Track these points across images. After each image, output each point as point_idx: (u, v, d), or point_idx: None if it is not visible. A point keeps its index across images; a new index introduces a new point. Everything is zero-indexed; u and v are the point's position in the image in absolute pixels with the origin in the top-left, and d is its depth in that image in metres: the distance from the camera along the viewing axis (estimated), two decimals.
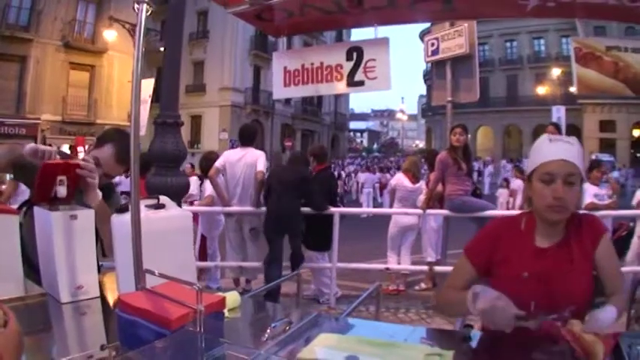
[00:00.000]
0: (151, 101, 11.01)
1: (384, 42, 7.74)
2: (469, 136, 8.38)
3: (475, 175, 10.66)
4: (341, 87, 8.11)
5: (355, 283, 8.90)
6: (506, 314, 2.02)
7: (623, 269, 8.64)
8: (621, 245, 9.04)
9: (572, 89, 9.76)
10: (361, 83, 7.82)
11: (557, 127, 8.97)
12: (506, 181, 19.74)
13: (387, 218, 9.74)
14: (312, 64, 8.19)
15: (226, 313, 2.24)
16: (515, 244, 2.38)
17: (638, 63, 8.33)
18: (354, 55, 7.82)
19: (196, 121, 44.62)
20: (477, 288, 2.14)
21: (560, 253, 2.31)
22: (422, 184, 9.51)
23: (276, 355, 1.97)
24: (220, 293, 2.35)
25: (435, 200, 8.43)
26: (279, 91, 8.45)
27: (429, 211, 8.36)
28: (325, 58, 8.17)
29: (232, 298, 2.50)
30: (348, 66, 7.86)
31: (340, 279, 8.58)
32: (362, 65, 7.78)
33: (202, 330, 1.84)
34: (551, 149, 2.30)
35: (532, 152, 2.41)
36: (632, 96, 8.88)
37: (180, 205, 5.98)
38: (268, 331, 2.15)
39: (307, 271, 8.41)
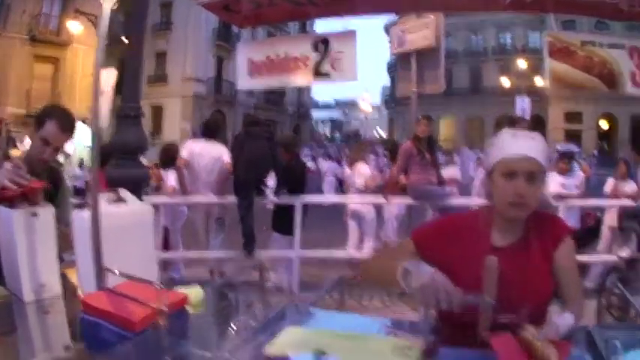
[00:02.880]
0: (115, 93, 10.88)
1: (351, 34, 7.84)
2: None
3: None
4: (307, 78, 8.12)
5: (318, 271, 8.84)
6: (449, 291, 1.90)
7: (595, 259, 8.75)
8: (590, 235, 9.13)
9: (541, 83, 9.64)
10: (327, 75, 7.83)
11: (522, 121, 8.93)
12: None
13: None
14: (278, 55, 8.17)
15: (190, 310, 2.19)
16: (472, 242, 2.27)
17: (614, 59, 8.33)
18: (321, 46, 7.84)
19: (157, 111, 44.21)
20: (408, 265, 2.00)
21: (518, 253, 2.23)
22: (359, 166, 9.40)
23: (242, 351, 1.94)
24: (183, 288, 2.33)
25: (399, 190, 8.44)
26: (245, 81, 8.43)
27: (392, 199, 8.37)
28: (291, 49, 8.17)
29: (195, 293, 2.44)
30: (314, 57, 7.87)
31: (303, 267, 8.54)
32: (328, 57, 7.79)
33: (166, 330, 1.82)
34: (514, 144, 2.20)
35: (493, 146, 2.30)
36: (605, 91, 8.89)
37: (141, 197, 5.93)
38: (233, 326, 2.14)
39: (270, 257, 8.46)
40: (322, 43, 7.84)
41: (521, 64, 47.81)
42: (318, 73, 7.89)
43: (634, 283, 6.39)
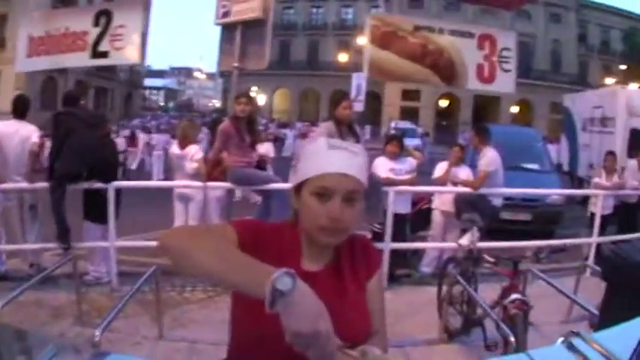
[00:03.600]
0: None
1: (136, 4, 7.27)
2: (257, 99, 8.21)
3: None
4: (84, 59, 7.59)
5: (139, 257, 8.28)
6: (330, 339, 1.48)
7: (430, 245, 9.03)
8: (422, 219, 9.32)
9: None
10: (105, 54, 7.34)
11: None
12: None
13: None
14: (58, 30, 7.55)
15: None
16: (280, 261, 1.70)
17: (456, 48, 7.97)
18: (102, 20, 7.28)
19: None
20: (283, 280, 1.47)
21: (331, 279, 1.95)
22: (192, 149, 8.86)
23: None
24: None
25: (221, 171, 8.20)
26: (22, 62, 7.75)
27: (210, 183, 8.07)
28: (71, 23, 7.57)
29: None
30: (94, 33, 7.31)
31: (124, 255, 8.30)
32: (108, 33, 7.26)
33: None
34: (330, 158, 1.86)
35: (305, 157, 1.95)
36: (439, 84, 8.48)
37: None
38: None
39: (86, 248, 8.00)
40: (105, 16, 7.26)
41: (361, 40, 48.47)
42: (96, 53, 7.37)
43: (474, 273, 6.48)
